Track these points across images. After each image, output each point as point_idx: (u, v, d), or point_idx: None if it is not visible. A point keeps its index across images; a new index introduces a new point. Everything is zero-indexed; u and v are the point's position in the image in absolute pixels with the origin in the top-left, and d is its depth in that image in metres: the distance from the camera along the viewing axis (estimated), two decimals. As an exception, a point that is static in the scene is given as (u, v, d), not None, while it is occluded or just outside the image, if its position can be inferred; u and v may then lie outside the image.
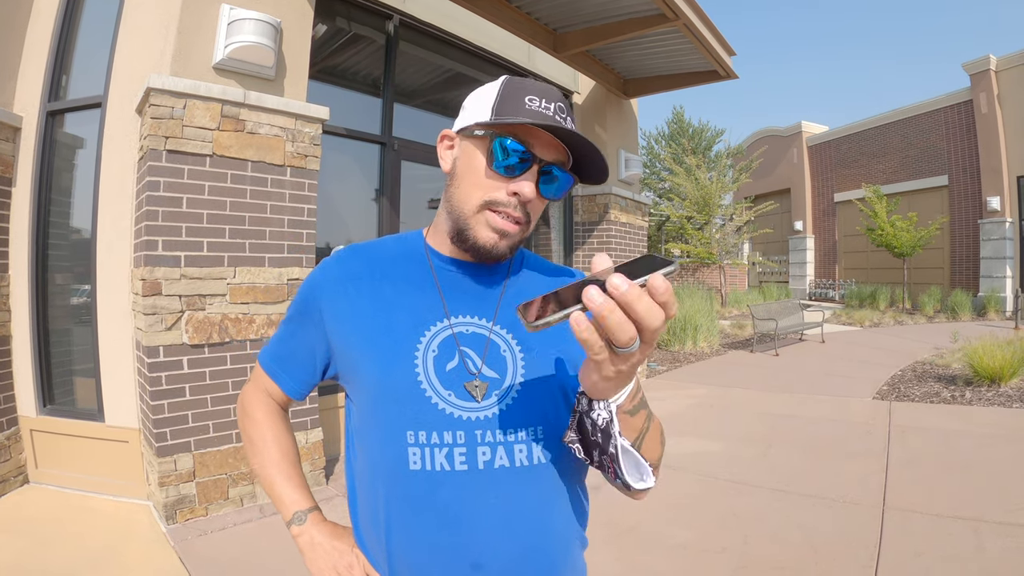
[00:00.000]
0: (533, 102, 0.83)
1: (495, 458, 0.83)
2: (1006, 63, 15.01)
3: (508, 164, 0.84)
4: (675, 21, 4.94)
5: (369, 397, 0.87)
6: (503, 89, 0.87)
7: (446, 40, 5.47)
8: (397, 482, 0.83)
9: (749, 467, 4.19)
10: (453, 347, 0.88)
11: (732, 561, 2.86)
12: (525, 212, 0.86)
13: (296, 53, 3.74)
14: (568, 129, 0.82)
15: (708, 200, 17.60)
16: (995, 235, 15.27)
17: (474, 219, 0.87)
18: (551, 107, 0.84)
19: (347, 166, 4.84)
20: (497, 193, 0.85)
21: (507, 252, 0.88)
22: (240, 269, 3.42)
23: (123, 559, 2.83)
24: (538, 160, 0.84)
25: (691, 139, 25.65)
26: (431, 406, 0.84)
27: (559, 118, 0.84)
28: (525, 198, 0.84)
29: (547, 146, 0.85)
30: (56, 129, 3.81)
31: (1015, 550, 2.82)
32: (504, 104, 0.85)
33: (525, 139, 0.84)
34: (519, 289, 0.97)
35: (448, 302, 0.92)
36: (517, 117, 0.81)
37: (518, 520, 0.82)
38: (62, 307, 3.86)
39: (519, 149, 0.83)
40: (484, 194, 0.85)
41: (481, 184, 0.86)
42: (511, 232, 0.86)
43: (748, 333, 11.30)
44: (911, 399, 6.15)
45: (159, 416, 3.15)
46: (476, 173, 0.86)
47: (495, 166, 0.84)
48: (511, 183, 0.84)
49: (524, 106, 0.83)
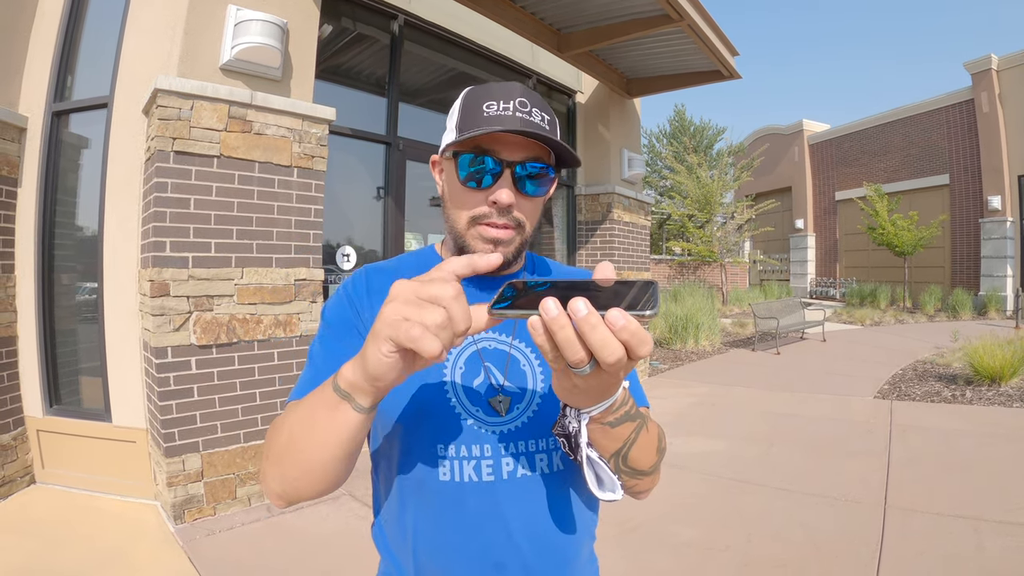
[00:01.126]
0: (491, 107, 0.84)
1: (518, 468, 0.86)
2: (1008, 62, 15.01)
3: (476, 178, 0.85)
4: (679, 22, 4.95)
5: (400, 410, 0.88)
6: (463, 103, 0.88)
7: (451, 40, 5.48)
8: (426, 492, 0.85)
9: (752, 466, 4.21)
10: (478, 363, 0.90)
11: (735, 559, 2.89)
12: (514, 218, 0.87)
13: (302, 54, 3.75)
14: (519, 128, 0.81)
15: (709, 198, 17.63)
16: (996, 234, 15.29)
17: (468, 236, 0.88)
18: (510, 105, 0.84)
19: (352, 166, 4.86)
20: (479, 207, 0.86)
21: (511, 259, 0.90)
22: (247, 270, 3.44)
23: (132, 559, 2.85)
24: (508, 163, 0.84)
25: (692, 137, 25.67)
26: (461, 422, 0.86)
27: (520, 114, 0.83)
28: (503, 204, 0.84)
29: (515, 146, 0.85)
30: (62, 129, 3.82)
31: (1015, 549, 2.84)
32: (465, 118, 0.86)
33: (490, 147, 0.84)
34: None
35: None
36: (473, 131, 0.82)
37: (538, 523, 0.85)
38: (68, 307, 3.88)
39: (483, 160, 0.84)
40: (468, 211, 0.87)
41: (463, 202, 0.88)
42: (504, 239, 0.87)
43: (749, 331, 11.33)
44: (912, 398, 6.17)
45: (167, 416, 3.17)
46: (456, 193, 0.89)
47: (466, 183, 0.86)
48: (488, 193, 0.85)
49: (482, 114, 0.84)
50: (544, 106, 0.88)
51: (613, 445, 0.73)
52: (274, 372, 3.57)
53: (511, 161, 0.85)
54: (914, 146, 18.08)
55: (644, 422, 0.78)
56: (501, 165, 0.84)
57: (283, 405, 3.57)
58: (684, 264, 19.24)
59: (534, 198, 0.89)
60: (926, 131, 17.68)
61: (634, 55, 6.20)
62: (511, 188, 0.85)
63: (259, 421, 3.50)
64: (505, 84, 0.88)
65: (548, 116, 0.88)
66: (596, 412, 0.68)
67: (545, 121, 0.87)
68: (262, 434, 3.52)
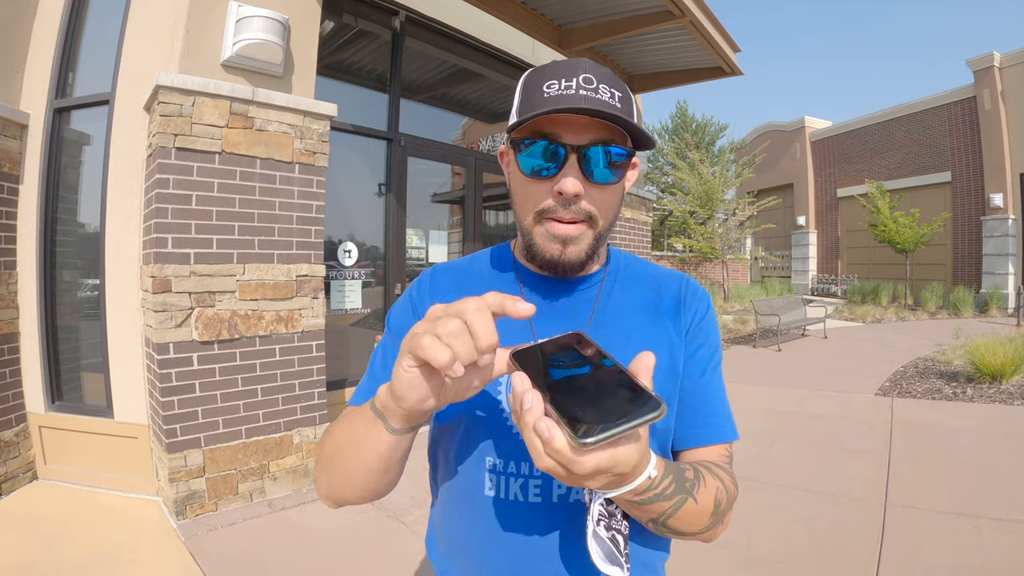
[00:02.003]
0: (552, 87, 0.74)
1: (571, 492, 0.79)
2: (1010, 60, 14.96)
3: (537, 166, 0.77)
4: (681, 18, 4.94)
5: (454, 415, 0.83)
6: (523, 85, 0.80)
7: (452, 36, 5.47)
8: (470, 504, 0.81)
9: (753, 463, 4.21)
10: None
11: (736, 556, 2.89)
12: (583, 210, 0.77)
13: (304, 50, 3.75)
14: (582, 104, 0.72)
15: (711, 195, 17.61)
16: (998, 232, 15.27)
17: (535, 232, 0.80)
18: (573, 83, 0.74)
19: (354, 162, 4.85)
20: (544, 200, 0.78)
21: (583, 258, 0.81)
22: (249, 266, 3.44)
23: (134, 555, 2.86)
24: (573, 148, 0.75)
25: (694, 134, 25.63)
26: (513, 435, 0.80)
27: (584, 92, 0.73)
28: (568, 195, 0.75)
29: (581, 128, 0.75)
30: (63, 126, 3.81)
31: (1016, 547, 2.85)
32: (525, 102, 0.78)
33: (551, 131, 0.75)
34: (614, 305, 0.89)
35: (536, 323, 0.84)
36: (530, 113, 0.73)
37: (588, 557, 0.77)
38: (70, 304, 3.88)
39: (542, 146, 0.76)
40: (532, 204, 0.79)
41: (526, 195, 0.80)
42: (574, 235, 0.78)
43: (750, 328, 11.32)
44: (913, 395, 6.17)
45: (169, 412, 3.17)
46: (519, 185, 0.81)
47: (526, 172, 0.78)
48: (553, 183, 0.76)
49: (542, 95, 0.75)
50: (615, 81, 0.78)
51: (645, 516, 0.67)
52: (276, 368, 3.57)
53: (576, 145, 0.75)
54: (916, 143, 18.03)
55: (688, 496, 0.69)
56: (565, 150, 0.75)
57: (284, 401, 3.60)
58: (685, 260, 19.22)
59: (607, 186, 0.78)
60: (928, 128, 17.64)
61: (636, 51, 6.19)
62: (578, 176, 0.75)
63: (260, 417, 3.51)
64: (569, 61, 0.78)
65: (620, 92, 0.77)
66: (611, 495, 0.59)
67: (616, 98, 0.76)
68: (263, 430, 3.52)
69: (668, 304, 0.91)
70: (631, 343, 0.83)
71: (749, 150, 21.99)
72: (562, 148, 0.75)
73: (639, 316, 0.88)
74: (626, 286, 0.91)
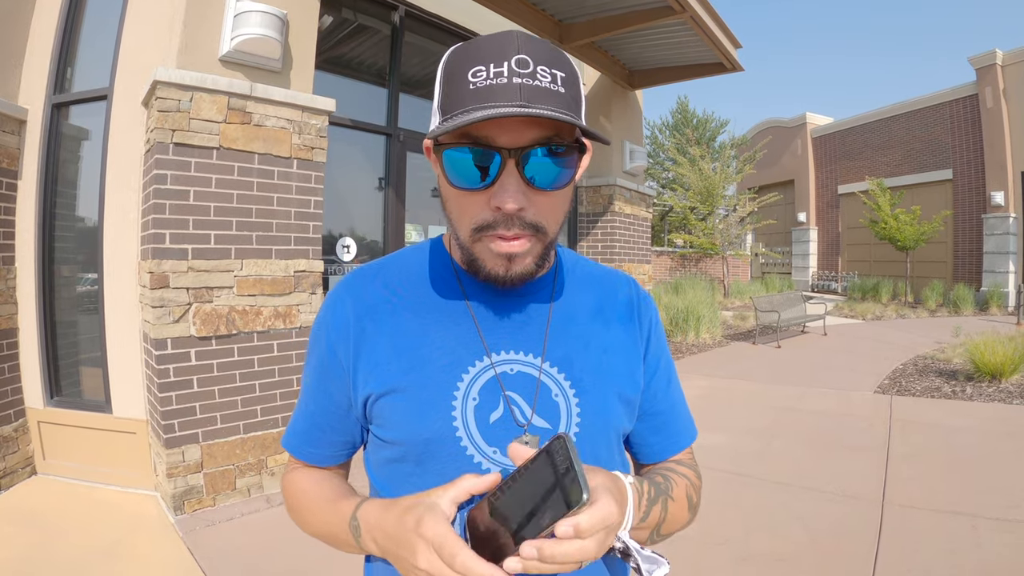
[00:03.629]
0: (479, 75, 0.61)
1: None
2: (1012, 58, 14.91)
3: (469, 178, 0.65)
4: (681, 13, 4.92)
5: (399, 452, 0.75)
6: (444, 72, 0.66)
7: (452, 30, 5.46)
8: None
9: (750, 460, 4.21)
10: (497, 393, 0.73)
11: (733, 553, 2.90)
12: (528, 223, 0.66)
13: (302, 45, 3.73)
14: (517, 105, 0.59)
15: (711, 191, 17.59)
16: (999, 230, 15.25)
17: (476, 247, 0.69)
18: (504, 68, 0.61)
19: (353, 157, 4.85)
20: (482, 214, 0.66)
21: (532, 270, 0.71)
22: (247, 261, 3.43)
23: (132, 550, 2.87)
24: (510, 152, 0.63)
25: (695, 129, 25.56)
26: (474, 466, 0.71)
27: (518, 80, 0.60)
28: (508, 212, 0.64)
29: (519, 126, 0.63)
30: (61, 121, 3.81)
31: (1013, 546, 2.85)
32: (448, 95, 0.64)
33: (482, 133, 0.63)
34: (567, 311, 0.81)
35: (486, 335, 0.75)
36: (455, 116, 0.62)
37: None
38: (68, 299, 3.88)
39: (473, 153, 0.64)
40: (469, 219, 0.68)
41: (461, 207, 0.69)
42: (519, 251, 0.67)
43: (750, 324, 11.32)
44: (912, 393, 6.17)
45: (167, 408, 3.17)
46: (451, 195, 0.69)
47: (456, 183, 0.66)
48: (491, 195, 0.65)
49: (468, 87, 0.62)
50: (554, 58, 0.64)
51: (647, 533, 0.72)
52: (274, 363, 3.57)
53: (515, 148, 0.63)
54: (917, 140, 18.00)
55: (667, 497, 0.74)
56: (501, 156, 0.63)
57: (283, 396, 3.59)
58: (686, 256, 19.20)
59: (552, 192, 0.67)
60: (930, 126, 17.60)
61: (636, 47, 6.17)
62: (519, 185, 0.64)
63: (258, 412, 3.51)
64: (497, 37, 0.64)
65: (562, 73, 0.64)
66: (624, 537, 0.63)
67: (558, 81, 0.63)
68: (262, 425, 3.53)
69: (620, 310, 0.87)
70: (589, 350, 0.80)
71: (750, 146, 21.96)
72: (497, 154, 0.63)
73: (592, 322, 0.83)
74: (575, 290, 0.84)
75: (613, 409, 0.80)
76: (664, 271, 18.55)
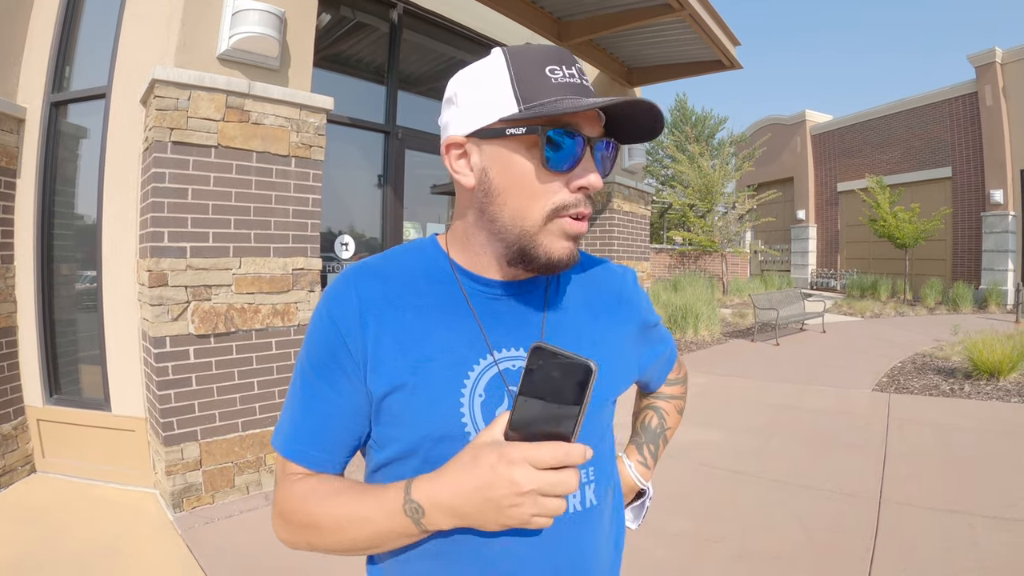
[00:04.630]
0: (556, 73, 0.70)
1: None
2: (1012, 56, 14.89)
3: (567, 159, 0.71)
4: (680, 11, 4.92)
5: (403, 449, 0.76)
6: (513, 66, 0.71)
7: (450, 28, 5.45)
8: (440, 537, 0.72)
9: (748, 457, 4.22)
10: (501, 389, 0.76)
11: (730, 550, 2.91)
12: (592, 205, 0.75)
13: (300, 43, 3.73)
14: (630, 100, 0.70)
15: (711, 188, 17.58)
16: (998, 228, 15.25)
17: (543, 233, 0.72)
18: (574, 71, 0.71)
19: (351, 155, 4.85)
20: (561, 195, 0.71)
21: (577, 257, 0.78)
22: (245, 259, 3.44)
23: (131, 547, 2.88)
24: (589, 140, 0.72)
25: (694, 127, 25.55)
26: None
27: (585, 82, 0.72)
28: (595, 189, 0.72)
29: (592, 121, 0.72)
30: (60, 120, 3.81)
31: (1010, 545, 2.86)
32: (525, 85, 0.70)
33: (573, 121, 0.70)
34: (562, 305, 0.85)
35: (488, 333, 0.78)
36: (561, 101, 0.68)
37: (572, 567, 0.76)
38: (67, 298, 3.89)
39: (574, 137, 0.70)
40: (548, 201, 0.71)
41: (539, 191, 0.71)
42: (583, 233, 0.75)
43: (749, 322, 11.33)
44: (910, 391, 6.18)
45: (166, 406, 3.18)
46: (527, 180, 0.71)
47: (553, 166, 0.70)
48: (571, 178, 0.71)
49: (551, 81, 0.69)
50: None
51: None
52: (272, 361, 3.58)
53: (592, 137, 0.72)
54: (917, 138, 17.98)
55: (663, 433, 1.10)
56: (586, 142, 0.71)
57: (281, 394, 3.59)
58: (685, 254, 19.21)
59: (603, 181, 0.76)
60: (929, 123, 17.58)
61: (635, 44, 6.17)
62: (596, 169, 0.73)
63: (257, 410, 3.52)
64: (549, 48, 0.73)
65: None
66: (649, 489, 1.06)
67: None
68: (260, 423, 3.53)
69: (610, 300, 0.91)
70: (581, 342, 0.83)
71: (749, 143, 21.95)
72: (583, 140, 0.71)
73: (584, 314, 0.87)
74: (568, 284, 0.88)
75: (607, 401, 0.86)
76: (663, 268, 18.56)
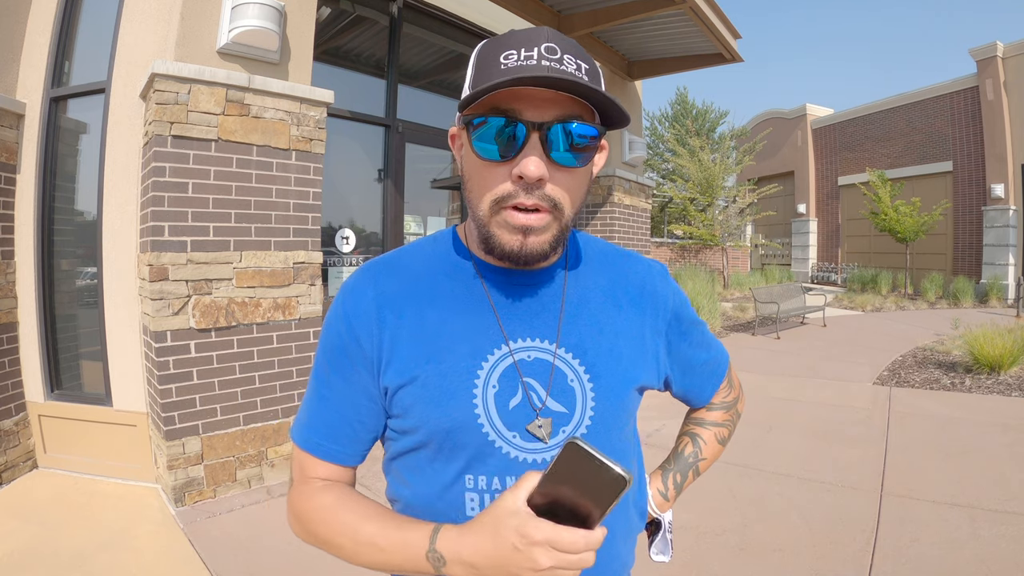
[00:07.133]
0: (510, 58, 0.66)
1: None
2: (1013, 50, 14.84)
3: (495, 147, 0.68)
4: (681, 4, 4.90)
5: (419, 439, 0.77)
6: (477, 58, 0.71)
7: (450, 21, 5.44)
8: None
9: (749, 450, 4.23)
10: (515, 379, 0.76)
11: (731, 543, 2.91)
12: (547, 197, 0.69)
13: (300, 36, 3.72)
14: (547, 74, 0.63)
15: (711, 182, 17.54)
16: (998, 222, 15.23)
17: (492, 223, 0.71)
18: (534, 52, 0.66)
19: (352, 148, 4.84)
20: (502, 185, 0.69)
21: (547, 250, 0.73)
22: (246, 253, 3.43)
23: (134, 542, 2.88)
24: (535, 126, 0.67)
25: (695, 120, 25.50)
26: (494, 450, 0.74)
27: (547, 62, 0.65)
28: (531, 178, 0.66)
29: (544, 103, 0.67)
30: (60, 115, 3.79)
31: (1010, 538, 2.86)
32: (479, 75, 0.69)
33: (509, 107, 0.67)
34: (580, 296, 0.83)
35: (504, 323, 0.78)
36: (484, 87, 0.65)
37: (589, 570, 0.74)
38: (68, 293, 3.88)
39: (499, 124, 0.67)
40: (489, 191, 0.70)
41: (483, 181, 0.71)
42: (537, 225, 0.70)
43: (750, 316, 11.33)
44: (911, 385, 6.19)
45: (167, 400, 3.18)
46: (474, 169, 0.72)
47: (482, 154, 0.69)
48: (513, 166, 0.68)
49: (499, 67, 0.66)
50: (580, 53, 0.70)
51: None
52: (273, 355, 3.58)
53: (539, 123, 0.67)
54: (917, 132, 17.94)
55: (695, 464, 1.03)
56: (526, 128, 0.67)
57: (282, 388, 3.60)
58: (685, 247, 19.17)
59: (573, 169, 0.71)
60: (930, 118, 17.53)
61: (635, 37, 6.15)
62: (541, 157, 0.67)
63: (258, 404, 3.52)
64: (530, 29, 0.69)
65: (587, 65, 0.70)
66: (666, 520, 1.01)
67: (583, 71, 0.68)
68: (261, 416, 3.53)
69: (633, 292, 0.88)
70: (603, 335, 0.81)
71: (750, 137, 21.89)
72: (522, 126, 0.67)
73: (605, 304, 0.84)
74: (589, 272, 0.86)
75: (627, 394, 0.83)
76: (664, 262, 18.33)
